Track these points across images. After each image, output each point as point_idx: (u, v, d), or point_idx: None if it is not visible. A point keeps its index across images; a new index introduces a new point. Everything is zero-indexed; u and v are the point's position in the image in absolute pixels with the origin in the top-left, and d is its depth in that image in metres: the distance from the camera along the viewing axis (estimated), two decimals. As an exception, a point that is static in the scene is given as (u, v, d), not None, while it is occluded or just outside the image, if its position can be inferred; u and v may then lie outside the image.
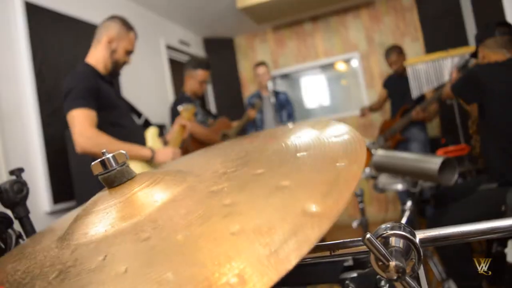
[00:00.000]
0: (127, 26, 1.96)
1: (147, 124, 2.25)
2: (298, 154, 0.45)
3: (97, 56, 1.90)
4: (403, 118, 3.46)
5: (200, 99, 3.37)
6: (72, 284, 0.38)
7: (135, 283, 0.33)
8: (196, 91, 3.17)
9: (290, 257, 0.29)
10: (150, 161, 1.84)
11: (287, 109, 4.14)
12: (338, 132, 0.51)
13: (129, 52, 1.97)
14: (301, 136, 0.56)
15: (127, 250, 0.39)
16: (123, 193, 0.50)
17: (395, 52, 3.71)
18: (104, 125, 1.77)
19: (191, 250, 0.34)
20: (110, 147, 1.62)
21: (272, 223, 0.34)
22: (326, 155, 0.44)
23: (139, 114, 2.25)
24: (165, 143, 2.20)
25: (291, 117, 4.16)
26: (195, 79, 3.14)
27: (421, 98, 3.43)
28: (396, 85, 3.76)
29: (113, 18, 1.97)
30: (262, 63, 3.99)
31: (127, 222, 0.46)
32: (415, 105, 3.37)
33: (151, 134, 2.04)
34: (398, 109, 3.64)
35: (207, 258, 0.31)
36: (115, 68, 1.95)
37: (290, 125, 0.63)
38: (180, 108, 2.47)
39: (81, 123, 1.67)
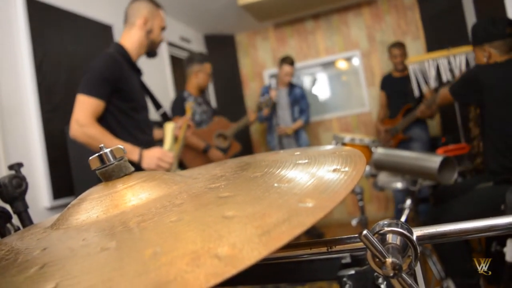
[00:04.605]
0: (155, 3, 1.93)
1: (165, 118, 2.23)
2: (275, 184, 0.43)
3: (132, 39, 1.87)
4: (407, 117, 3.45)
5: (203, 96, 3.40)
6: (57, 255, 0.38)
7: (121, 255, 0.33)
8: (204, 85, 3.27)
9: (282, 236, 0.29)
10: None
11: (300, 105, 4.08)
12: (338, 167, 0.47)
13: (163, 29, 1.96)
14: (297, 164, 0.52)
15: (117, 231, 0.39)
16: (119, 185, 0.50)
17: (397, 47, 3.71)
18: (117, 112, 1.77)
19: (182, 230, 0.34)
20: (99, 141, 1.62)
21: (267, 211, 0.34)
22: (300, 191, 0.39)
23: (158, 106, 2.22)
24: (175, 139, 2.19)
25: (303, 113, 4.09)
26: (204, 72, 3.22)
27: (421, 96, 3.44)
28: (395, 84, 3.75)
29: None
30: (291, 62, 3.94)
31: (120, 210, 0.46)
32: (418, 104, 3.37)
33: (170, 128, 2.02)
34: (399, 108, 3.63)
35: (198, 236, 0.31)
36: (152, 48, 1.94)
37: (297, 151, 0.62)
38: (188, 104, 2.48)
39: (81, 110, 1.65)
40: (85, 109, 1.65)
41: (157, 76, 3.67)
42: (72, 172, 2.33)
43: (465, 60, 3.02)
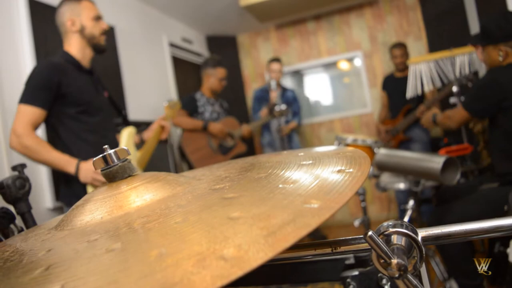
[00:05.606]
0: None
1: (125, 122, 2.16)
2: (280, 185, 0.43)
3: (72, 44, 1.81)
4: (407, 118, 3.45)
5: (216, 97, 3.46)
6: (62, 257, 0.38)
7: (127, 256, 0.33)
8: (216, 89, 3.34)
9: (288, 237, 0.29)
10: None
11: (292, 108, 4.12)
12: (342, 168, 0.46)
13: (96, 18, 1.83)
14: (302, 165, 0.51)
15: (122, 232, 0.39)
16: (123, 187, 0.50)
17: (398, 48, 3.71)
18: (64, 118, 1.71)
19: (188, 231, 0.34)
20: (36, 152, 1.58)
21: (272, 212, 0.34)
22: (305, 192, 0.40)
23: (119, 111, 2.12)
24: (142, 141, 2.11)
25: (296, 115, 4.14)
26: (215, 77, 3.28)
27: (422, 97, 3.43)
28: (396, 85, 3.74)
29: (59, 4, 1.85)
30: (277, 60, 3.99)
31: (124, 211, 0.46)
32: (418, 104, 3.36)
33: (127, 133, 1.92)
34: (399, 108, 3.63)
35: (203, 238, 0.31)
36: (94, 42, 1.84)
37: (300, 152, 0.62)
38: (165, 104, 2.36)
39: (19, 120, 1.60)
40: (22, 118, 1.60)
41: (158, 77, 3.67)
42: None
43: (467, 61, 3.01)
